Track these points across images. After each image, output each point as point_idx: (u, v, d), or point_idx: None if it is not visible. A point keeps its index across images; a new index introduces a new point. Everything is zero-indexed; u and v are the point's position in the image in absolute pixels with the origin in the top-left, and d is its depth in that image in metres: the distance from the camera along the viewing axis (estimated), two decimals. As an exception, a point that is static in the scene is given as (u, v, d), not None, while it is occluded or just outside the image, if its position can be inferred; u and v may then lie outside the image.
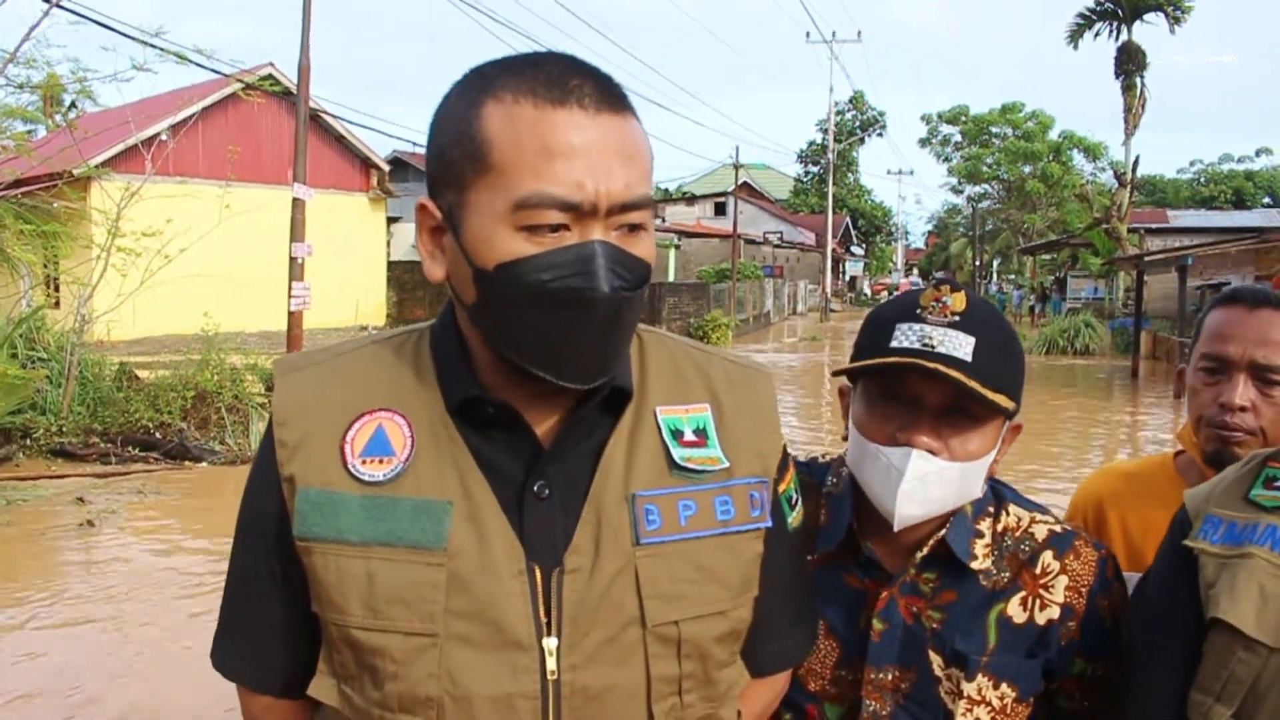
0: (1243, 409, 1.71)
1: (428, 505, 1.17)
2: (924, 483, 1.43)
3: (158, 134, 17.57)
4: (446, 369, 1.24)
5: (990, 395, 1.42)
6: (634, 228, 1.15)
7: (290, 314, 13.34)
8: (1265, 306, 1.76)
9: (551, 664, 1.15)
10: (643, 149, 1.17)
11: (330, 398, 1.23)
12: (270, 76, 22.84)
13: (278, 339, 17.85)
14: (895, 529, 1.47)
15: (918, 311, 1.48)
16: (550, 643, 1.15)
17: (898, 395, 1.48)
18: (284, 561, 1.23)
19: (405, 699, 1.15)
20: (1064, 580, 1.52)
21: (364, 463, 1.19)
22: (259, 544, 1.26)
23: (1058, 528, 1.58)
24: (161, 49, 12.55)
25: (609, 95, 1.14)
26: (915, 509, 1.45)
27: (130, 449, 11.79)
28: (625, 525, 1.19)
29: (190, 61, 13.07)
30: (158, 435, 12.02)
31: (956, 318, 1.46)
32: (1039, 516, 1.59)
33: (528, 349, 1.15)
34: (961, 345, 1.43)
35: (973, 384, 1.40)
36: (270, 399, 8.35)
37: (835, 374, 1.59)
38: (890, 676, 1.50)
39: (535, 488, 1.19)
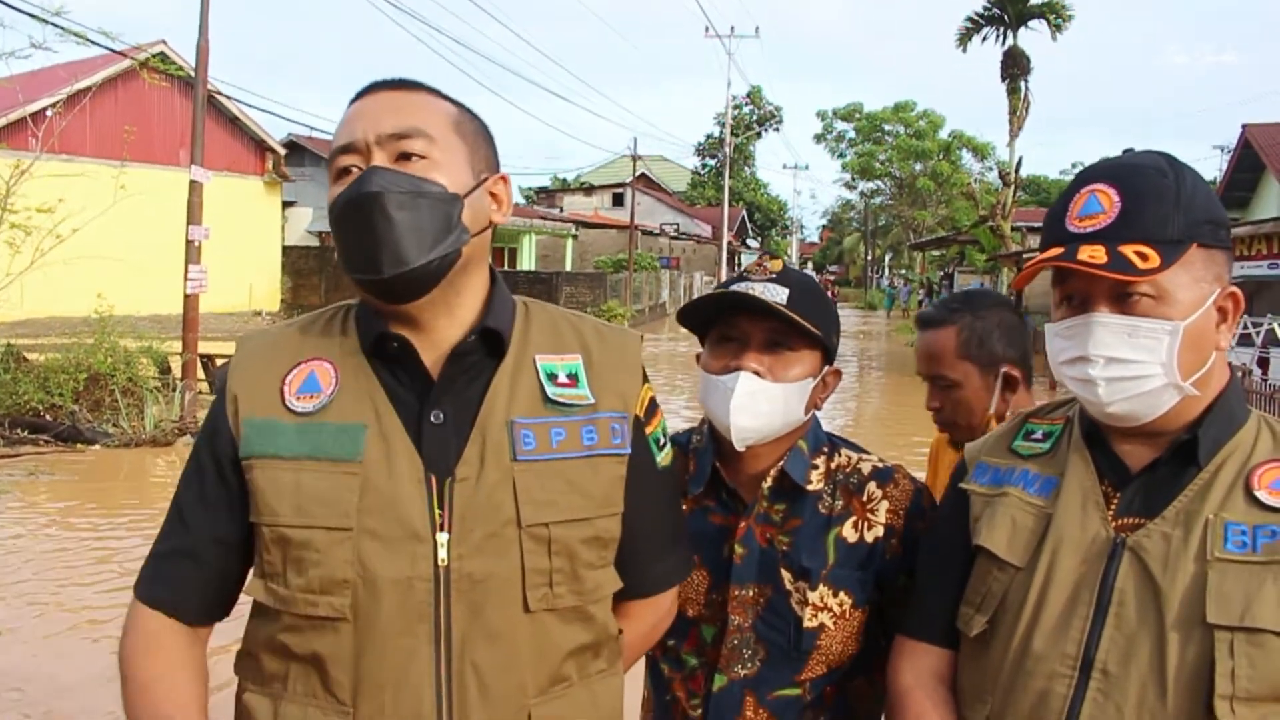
0: (936, 409, 2.36)
1: (347, 427, 1.46)
2: (753, 398, 1.77)
3: (44, 109, 17.09)
4: (363, 320, 1.55)
5: (799, 320, 1.75)
6: (408, 156, 1.46)
7: (186, 297, 13.18)
8: (923, 329, 2.38)
9: (443, 554, 1.43)
10: (424, 104, 1.51)
11: (274, 354, 1.55)
12: (162, 55, 22.32)
13: (169, 323, 17.54)
14: (737, 446, 1.80)
15: (745, 274, 1.85)
16: (443, 537, 1.43)
17: (731, 337, 1.83)
18: (224, 486, 1.51)
19: (325, 582, 1.42)
20: (886, 504, 1.85)
21: (298, 398, 1.49)
22: (203, 476, 1.53)
23: (880, 464, 1.91)
24: (63, 28, 12.25)
25: (399, 83, 1.53)
26: (748, 420, 1.78)
27: (19, 431, 11.58)
28: (505, 445, 1.47)
29: (91, 42, 12.80)
30: (48, 417, 11.82)
31: (774, 275, 1.83)
32: (865, 457, 1.93)
33: (343, 259, 1.48)
34: (778, 293, 1.79)
35: (782, 309, 1.76)
36: (164, 381, 8.41)
37: (678, 319, 1.95)
38: (751, 593, 1.81)
39: (432, 416, 1.47)
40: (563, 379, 1.56)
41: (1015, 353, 2.31)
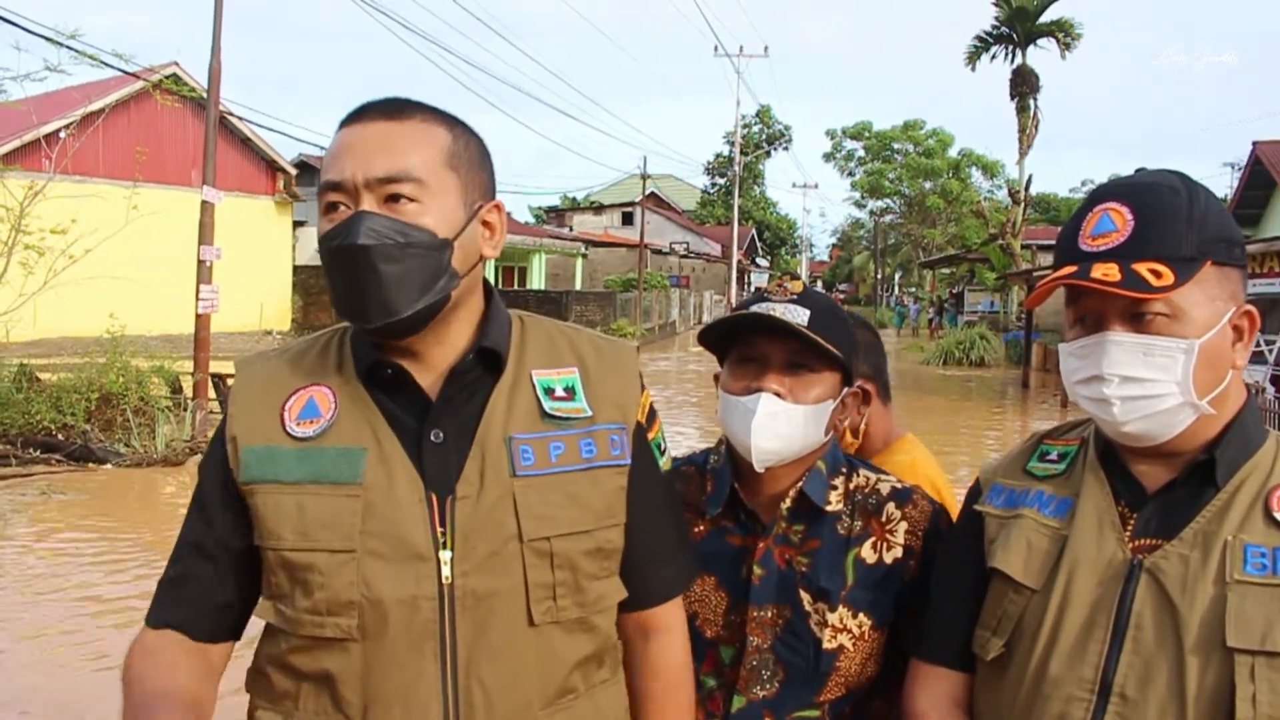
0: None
1: (347, 451, 1.47)
2: (774, 419, 1.77)
3: (58, 131, 17.18)
4: (357, 346, 1.56)
5: (821, 342, 1.76)
6: (399, 199, 1.44)
7: (198, 317, 13.20)
8: None
9: (447, 572, 1.44)
10: (415, 140, 1.47)
11: (273, 380, 1.56)
12: (175, 76, 22.47)
13: (180, 342, 17.57)
14: (757, 467, 1.80)
15: (765, 294, 1.85)
16: (446, 555, 1.44)
17: (751, 358, 1.83)
18: (229, 510, 1.53)
19: (331, 604, 1.43)
20: (904, 525, 1.85)
21: (299, 424, 1.50)
22: (209, 501, 1.54)
23: (899, 485, 1.91)
24: (77, 50, 12.35)
25: (389, 108, 1.49)
26: (768, 442, 1.78)
27: (31, 450, 11.60)
28: (504, 461, 1.49)
29: (105, 64, 12.90)
30: (60, 437, 11.85)
31: (795, 297, 1.83)
32: (884, 478, 1.93)
33: (336, 301, 1.48)
34: (799, 314, 1.78)
35: (804, 330, 1.75)
36: (175, 401, 8.49)
37: (699, 339, 1.94)
38: (770, 614, 1.80)
39: (432, 435, 1.49)
40: (560, 393, 1.57)
41: (867, 368, 2.38)
